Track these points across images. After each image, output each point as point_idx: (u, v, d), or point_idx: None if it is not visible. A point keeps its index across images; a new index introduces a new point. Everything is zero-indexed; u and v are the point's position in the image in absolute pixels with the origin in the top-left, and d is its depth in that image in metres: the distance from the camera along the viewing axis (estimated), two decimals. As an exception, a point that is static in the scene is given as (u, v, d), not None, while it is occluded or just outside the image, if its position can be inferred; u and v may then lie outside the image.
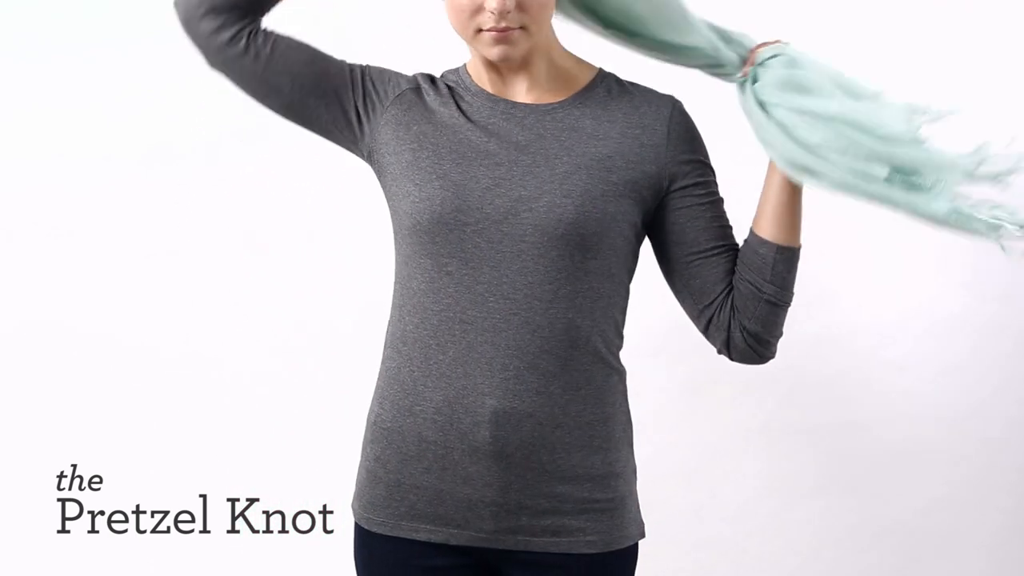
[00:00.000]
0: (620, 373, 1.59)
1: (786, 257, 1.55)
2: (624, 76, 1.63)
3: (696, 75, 2.70)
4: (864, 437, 2.70)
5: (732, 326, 1.57)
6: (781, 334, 1.61)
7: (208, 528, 2.78)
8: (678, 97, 1.63)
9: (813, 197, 2.66)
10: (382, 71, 1.62)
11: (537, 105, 1.55)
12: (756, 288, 1.54)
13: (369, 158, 1.61)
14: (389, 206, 1.59)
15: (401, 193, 1.54)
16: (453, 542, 1.53)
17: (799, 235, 1.57)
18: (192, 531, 2.79)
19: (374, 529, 1.57)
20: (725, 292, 1.56)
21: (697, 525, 2.72)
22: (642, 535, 1.60)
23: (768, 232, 1.54)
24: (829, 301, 2.70)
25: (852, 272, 2.69)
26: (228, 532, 2.77)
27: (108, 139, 2.77)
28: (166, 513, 2.79)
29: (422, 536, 1.54)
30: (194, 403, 2.78)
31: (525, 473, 1.51)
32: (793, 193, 1.54)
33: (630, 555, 1.58)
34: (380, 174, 1.60)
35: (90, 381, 2.79)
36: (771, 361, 2.66)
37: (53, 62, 2.77)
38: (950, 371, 2.68)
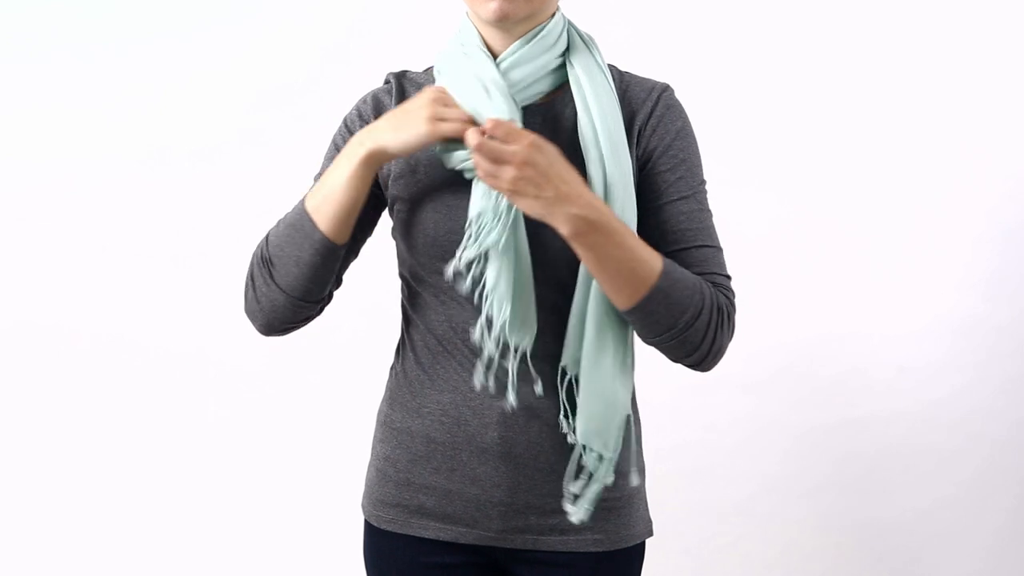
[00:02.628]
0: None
1: (633, 317, 1.44)
2: (623, 66, 1.61)
3: (694, 72, 2.70)
4: (865, 437, 2.71)
5: None
6: (694, 357, 1.47)
7: (215, 527, 2.78)
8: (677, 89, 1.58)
9: (813, 196, 2.69)
10: (336, 144, 1.58)
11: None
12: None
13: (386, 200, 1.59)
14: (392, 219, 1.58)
15: (402, 209, 1.53)
16: (462, 541, 1.53)
17: (618, 300, 1.41)
18: (197, 530, 2.78)
19: (383, 527, 1.57)
20: None
21: (697, 525, 2.72)
22: (650, 533, 1.59)
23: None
24: (829, 302, 2.70)
25: (852, 273, 2.70)
26: (235, 531, 2.77)
27: (108, 139, 2.77)
28: (170, 513, 2.79)
29: (431, 534, 1.54)
30: (197, 403, 2.78)
31: (533, 474, 1.50)
32: (587, 259, 1.40)
33: (637, 553, 1.58)
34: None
35: (91, 381, 2.78)
36: (772, 362, 2.69)
37: (53, 62, 2.77)
38: (951, 371, 2.69)
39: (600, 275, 1.40)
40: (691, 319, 1.42)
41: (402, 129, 1.41)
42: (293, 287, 1.48)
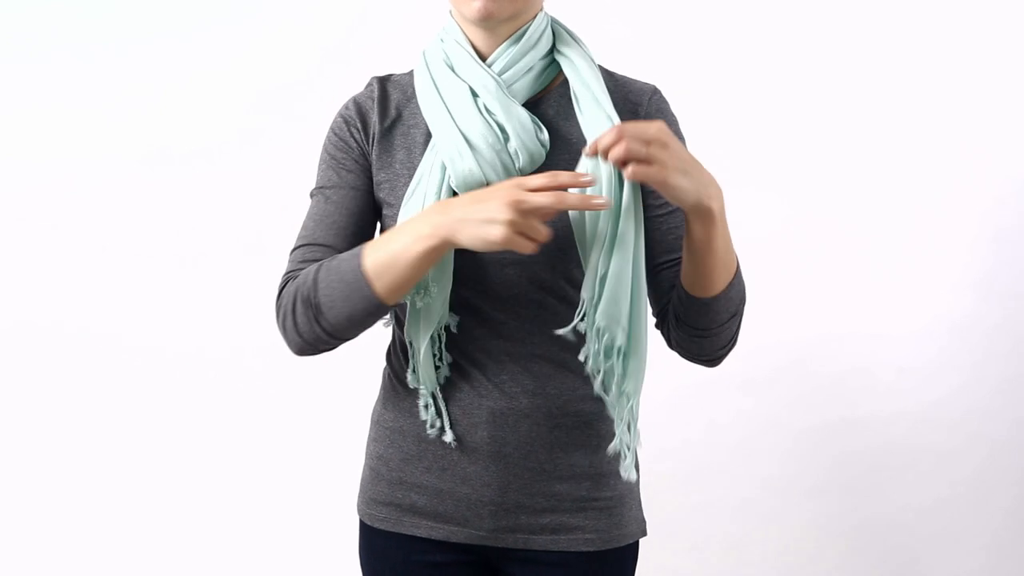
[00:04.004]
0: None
1: (698, 306, 1.44)
2: (621, 67, 1.60)
3: (692, 71, 2.70)
4: (865, 437, 2.71)
5: (672, 338, 1.52)
6: (725, 349, 1.49)
7: (213, 526, 2.78)
8: (666, 90, 1.57)
9: (812, 197, 2.68)
10: (329, 154, 1.56)
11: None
12: (677, 320, 1.48)
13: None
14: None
15: (390, 215, 1.52)
16: (453, 539, 1.53)
17: (709, 288, 1.42)
18: (195, 529, 2.79)
19: (377, 525, 1.57)
20: (668, 302, 1.51)
21: (697, 525, 2.72)
22: (643, 533, 1.59)
23: (684, 281, 1.45)
24: (829, 302, 2.70)
25: (852, 273, 2.70)
26: (233, 530, 2.77)
27: (108, 139, 2.78)
28: (169, 512, 2.79)
29: (423, 532, 1.54)
30: (196, 403, 2.78)
31: (523, 473, 1.51)
32: (696, 245, 1.39)
33: (630, 553, 1.58)
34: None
35: (91, 381, 2.79)
36: (772, 361, 2.69)
37: (53, 62, 2.77)
38: (949, 371, 2.69)
39: (713, 257, 1.38)
40: (742, 308, 1.45)
41: (479, 229, 1.31)
42: (340, 332, 1.44)
